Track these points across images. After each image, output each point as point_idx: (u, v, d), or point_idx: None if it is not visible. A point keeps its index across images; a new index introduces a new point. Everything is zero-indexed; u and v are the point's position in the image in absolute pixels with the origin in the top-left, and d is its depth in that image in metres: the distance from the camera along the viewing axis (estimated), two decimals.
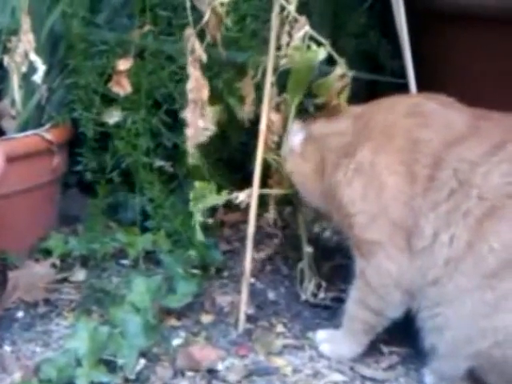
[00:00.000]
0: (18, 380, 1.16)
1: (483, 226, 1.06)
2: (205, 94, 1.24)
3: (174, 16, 1.45)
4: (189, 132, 1.26)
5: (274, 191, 1.31)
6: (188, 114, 1.25)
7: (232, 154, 1.55)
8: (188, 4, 1.21)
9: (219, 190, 1.26)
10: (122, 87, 1.41)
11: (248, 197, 1.26)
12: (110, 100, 1.45)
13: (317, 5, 1.65)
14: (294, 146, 1.26)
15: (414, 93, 1.36)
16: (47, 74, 1.35)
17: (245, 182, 1.30)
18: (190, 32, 1.22)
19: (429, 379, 1.18)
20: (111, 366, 1.16)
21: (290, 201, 1.36)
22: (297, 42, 1.20)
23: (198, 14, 1.23)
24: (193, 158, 1.29)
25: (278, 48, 1.22)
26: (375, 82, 1.80)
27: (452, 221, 1.08)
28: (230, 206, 1.34)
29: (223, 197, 1.25)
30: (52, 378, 1.14)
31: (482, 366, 1.10)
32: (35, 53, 1.31)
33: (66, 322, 1.31)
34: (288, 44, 1.21)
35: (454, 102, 1.20)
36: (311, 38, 1.21)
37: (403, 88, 1.45)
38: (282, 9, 1.20)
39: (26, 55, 1.31)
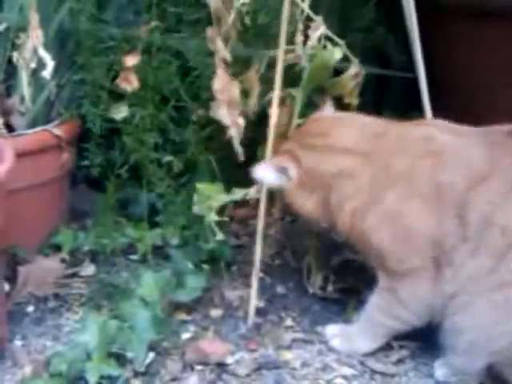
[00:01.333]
0: (29, 374, 1.17)
1: (508, 254, 1.09)
2: (235, 92, 1.24)
3: (182, 11, 1.45)
4: (232, 132, 1.26)
5: None
6: (224, 115, 1.25)
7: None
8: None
9: (227, 187, 1.26)
10: (130, 83, 1.42)
11: (257, 192, 1.26)
12: (117, 96, 1.45)
13: (325, 0, 1.65)
14: (290, 176, 1.21)
15: (426, 111, 1.34)
16: (56, 70, 1.36)
17: (251, 177, 1.30)
18: (213, 32, 1.22)
19: (440, 373, 1.18)
20: (121, 360, 1.17)
21: None
22: (313, 41, 1.20)
23: (207, 11, 1.24)
24: (240, 156, 1.28)
25: (288, 43, 1.22)
26: (384, 76, 1.80)
27: (477, 254, 1.11)
28: (238, 201, 1.34)
29: (232, 195, 1.25)
30: (62, 371, 1.14)
31: (500, 362, 1.12)
32: (44, 49, 1.32)
33: (75, 317, 1.32)
34: (304, 43, 1.21)
35: (455, 126, 1.19)
36: (326, 37, 1.21)
37: (412, 83, 1.45)
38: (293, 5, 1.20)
39: (35, 51, 1.32)
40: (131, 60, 1.40)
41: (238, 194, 1.26)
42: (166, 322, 1.24)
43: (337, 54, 1.21)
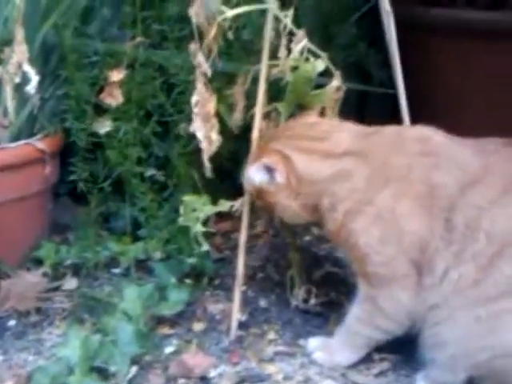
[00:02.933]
0: None
1: (493, 264, 1.09)
2: (211, 107, 1.25)
3: (166, 28, 1.46)
4: (203, 145, 1.26)
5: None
6: (198, 128, 1.25)
7: (221, 163, 1.56)
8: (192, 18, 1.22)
9: (211, 200, 1.27)
10: (114, 98, 1.42)
11: (241, 205, 1.27)
12: (101, 110, 1.46)
13: (307, 16, 1.67)
14: (278, 177, 1.19)
15: (406, 124, 1.35)
16: (39, 84, 1.36)
17: (234, 191, 1.31)
18: (195, 47, 1.24)
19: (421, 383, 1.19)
20: (103, 374, 1.17)
21: None
22: (296, 54, 1.22)
23: (191, 27, 1.25)
24: (207, 171, 1.29)
25: (271, 58, 1.24)
26: (365, 92, 1.82)
27: (461, 260, 1.11)
28: (220, 215, 1.35)
29: (218, 207, 1.26)
30: None
31: (480, 376, 1.12)
32: (28, 63, 1.32)
33: (58, 331, 1.32)
34: (287, 56, 1.22)
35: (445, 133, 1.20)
36: (309, 51, 1.23)
37: (392, 98, 1.47)
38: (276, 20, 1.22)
39: (20, 66, 1.32)
40: (116, 75, 1.41)
41: (224, 205, 1.26)
42: (148, 336, 1.24)
43: (319, 66, 1.23)
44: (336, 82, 1.26)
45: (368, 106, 2.00)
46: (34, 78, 1.33)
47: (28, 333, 1.31)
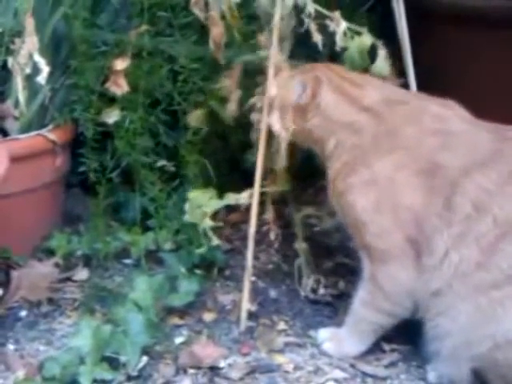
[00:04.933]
0: (22, 378, 1.17)
1: (497, 247, 1.09)
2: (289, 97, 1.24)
3: (172, 16, 1.46)
4: (281, 136, 1.24)
5: (273, 189, 1.32)
6: (276, 121, 1.24)
7: (230, 154, 1.56)
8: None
9: (220, 192, 1.27)
10: (120, 87, 1.42)
11: (249, 197, 1.27)
12: (110, 100, 1.46)
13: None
14: (306, 93, 1.22)
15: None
16: (50, 74, 1.36)
17: (242, 181, 1.30)
18: (264, 39, 1.25)
19: (432, 376, 1.19)
20: (114, 364, 1.17)
21: (286, 200, 1.37)
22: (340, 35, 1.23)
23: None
24: (282, 161, 1.27)
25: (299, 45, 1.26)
26: None
27: (464, 242, 1.10)
28: (230, 206, 1.35)
29: (225, 200, 1.26)
30: (56, 375, 1.15)
31: (483, 368, 1.12)
32: (39, 54, 1.32)
33: (68, 321, 1.32)
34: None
35: (471, 117, 1.20)
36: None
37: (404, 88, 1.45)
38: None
39: (30, 57, 1.32)
40: (120, 64, 1.40)
41: (231, 199, 1.26)
42: (159, 327, 1.25)
43: (367, 41, 1.26)
44: (382, 51, 1.28)
45: None
46: (45, 69, 1.33)
47: (39, 323, 1.32)
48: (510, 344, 1.08)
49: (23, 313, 1.34)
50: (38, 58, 1.32)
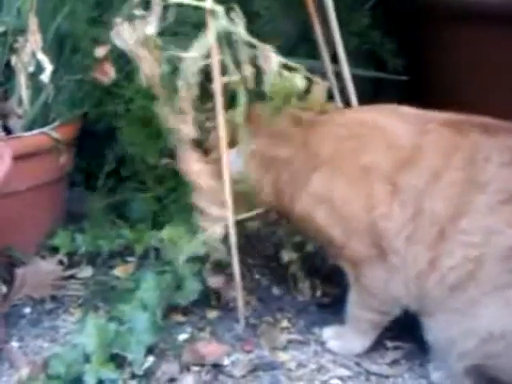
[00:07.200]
0: (26, 375, 1.17)
1: (439, 246, 1.09)
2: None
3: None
4: None
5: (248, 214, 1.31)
6: None
7: None
8: None
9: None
10: (106, 74, 1.41)
11: (225, 227, 1.24)
12: (115, 96, 1.46)
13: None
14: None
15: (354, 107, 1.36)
16: (54, 73, 1.36)
17: None
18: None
19: (435, 374, 1.19)
20: (119, 362, 1.17)
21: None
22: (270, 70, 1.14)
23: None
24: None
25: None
26: (380, 79, 1.81)
27: (414, 241, 1.11)
28: None
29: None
30: (60, 373, 1.15)
31: (479, 366, 1.11)
32: (42, 52, 1.33)
33: (72, 318, 1.33)
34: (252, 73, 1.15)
35: (398, 110, 1.20)
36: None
37: (406, 85, 1.46)
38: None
39: (34, 55, 1.32)
40: (101, 51, 1.38)
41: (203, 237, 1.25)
42: (163, 325, 1.25)
43: (298, 82, 1.15)
44: (319, 87, 1.22)
45: (382, 94, 1.99)
46: (48, 67, 1.33)
47: (43, 320, 1.32)
48: (498, 336, 1.07)
49: (27, 310, 1.35)
50: (41, 56, 1.32)
